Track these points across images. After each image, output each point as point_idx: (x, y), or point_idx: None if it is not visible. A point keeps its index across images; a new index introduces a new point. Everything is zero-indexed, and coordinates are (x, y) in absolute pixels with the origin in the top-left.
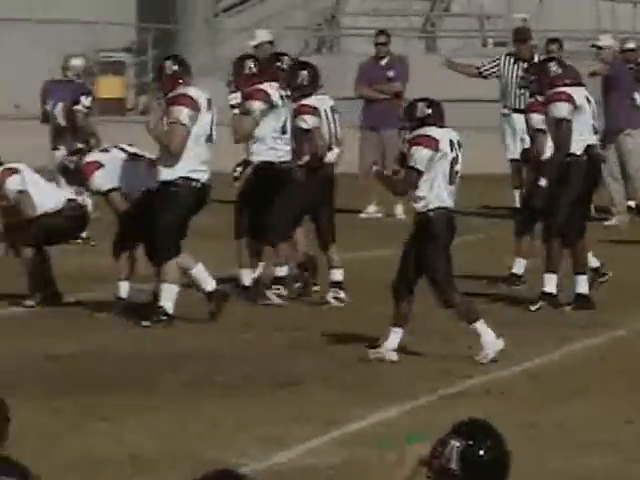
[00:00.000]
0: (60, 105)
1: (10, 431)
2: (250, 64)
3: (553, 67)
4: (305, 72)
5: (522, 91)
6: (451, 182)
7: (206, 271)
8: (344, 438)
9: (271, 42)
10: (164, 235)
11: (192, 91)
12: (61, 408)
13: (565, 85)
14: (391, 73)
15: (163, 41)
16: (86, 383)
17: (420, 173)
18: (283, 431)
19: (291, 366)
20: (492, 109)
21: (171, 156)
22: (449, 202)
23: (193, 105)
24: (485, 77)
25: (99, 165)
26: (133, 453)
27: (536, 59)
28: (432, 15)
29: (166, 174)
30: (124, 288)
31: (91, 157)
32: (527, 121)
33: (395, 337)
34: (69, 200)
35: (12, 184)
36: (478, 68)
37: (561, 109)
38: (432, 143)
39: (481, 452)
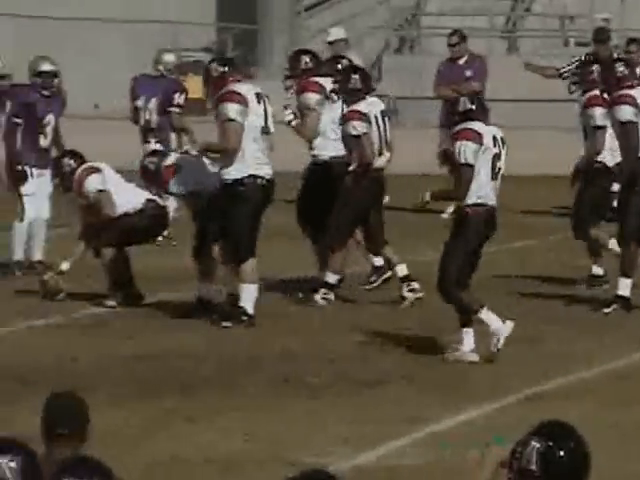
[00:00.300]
0: (153, 101)
1: (92, 433)
2: (306, 59)
3: (620, 68)
4: (357, 76)
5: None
6: (493, 178)
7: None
8: (427, 439)
9: (345, 40)
10: (239, 235)
11: (238, 87)
12: (144, 409)
13: (630, 87)
14: (469, 72)
15: (244, 41)
16: (169, 384)
17: (472, 166)
18: (366, 431)
19: (373, 366)
20: (574, 109)
21: (231, 155)
22: (490, 199)
23: (240, 100)
24: (564, 78)
25: (177, 168)
26: (218, 454)
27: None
28: (513, 15)
29: (231, 174)
30: (205, 288)
31: (170, 160)
32: (585, 116)
33: (469, 338)
34: (149, 200)
35: (92, 183)
36: (558, 70)
37: (626, 112)
38: (476, 136)
39: (561, 453)
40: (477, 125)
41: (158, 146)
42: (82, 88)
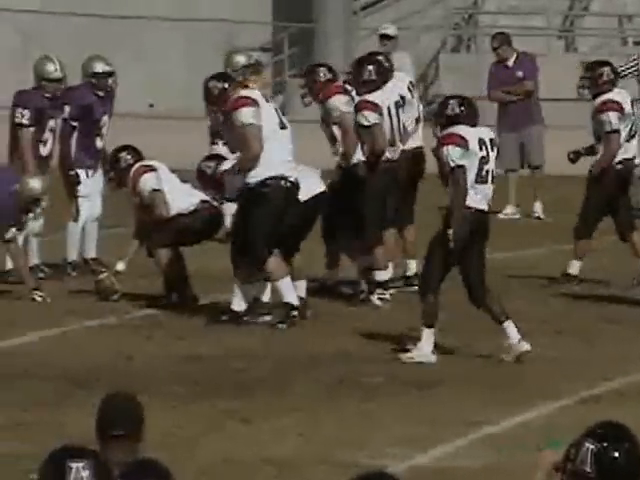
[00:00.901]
0: None
1: (148, 433)
2: (324, 71)
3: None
4: (372, 67)
5: None
6: (480, 181)
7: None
8: (483, 440)
9: (395, 37)
10: (256, 237)
11: (243, 92)
12: (198, 410)
13: None
14: (520, 73)
15: (300, 40)
16: (223, 385)
17: (463, 167)
18: (423, 432)
19: (431, 367)
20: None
21: (254, 159)
22: (477, 203)
23: (250, 102)
24: (622, 77)
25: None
26: (273, 456)
27: None
28: (571, 14)
29: (255, 176)
30: (260, 289)
31: (226, 165)
32: (598, 121)
33: (430, 338)
34: (203, 201)
35: (147, 182)
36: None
37: None
38: (461, 141)
39: (616, 454)
40: (463, 129)
41: (224, 149)
42: (137, 87)
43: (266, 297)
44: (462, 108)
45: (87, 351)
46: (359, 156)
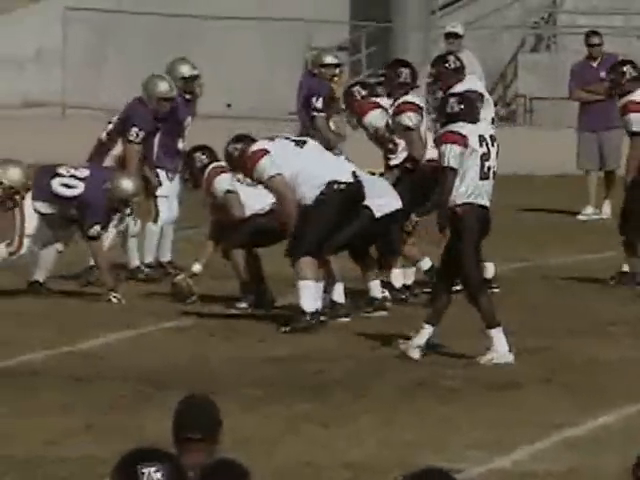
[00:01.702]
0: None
1: (224, 436)
2: (404, 71)
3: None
4: (407, 70)
5: None
6: (483, 177)
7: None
8: (566, 442)
9: (462, 36)
10: (298, 231)
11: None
12: (277, 413)
13: None
14: (604, 73)
15: (377, 39)
16: (300, 387)
17: (455, 170)
18: (503, 435)
19: (508, 369)
20: None
21: None
22: (480, 199)
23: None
24: None
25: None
26: (351, 459)
27: None
28: None
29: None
30: (338, 291)
31: (258, 146)
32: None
33: (424, 334)
34: None
35: (222, 183)
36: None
37: None
38: (460, 140)
39: None
40: (463, 127)
41: None
42: (215, 87)
43: (341, 298)
44: (462, 106)
45: (164, 353)
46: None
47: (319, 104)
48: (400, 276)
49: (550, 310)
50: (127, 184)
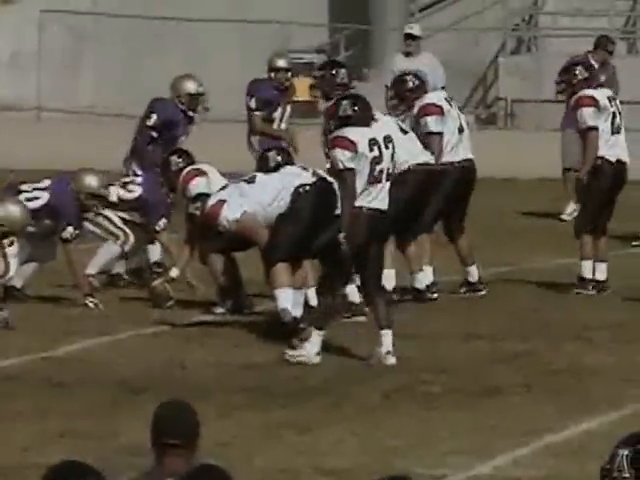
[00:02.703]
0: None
1: (202, 442)
2: (341, 72)
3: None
4: (344, 70)
5: None
6: (372, 182)
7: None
8: (547, 449)
9: (420, 37)
10: (277, 240)
11: None
12: (255, 419)
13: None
14: (603, 77)
15: (356, 42)
16: (279, 394)
17: (352, 170)
18: (483, 441)
19: (489, 375)
20: None
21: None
22: (372, 203)
23: None
24: None
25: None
26: (330, 466)
27: None
28: (634, 15)
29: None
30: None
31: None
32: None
33: (317, 340)
34: None
35: (197, 187)
36: None
37: None
38: (349, 145)
39: None
40: (354, 131)
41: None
42: None
43: (356, 298)
44: (355, 108)
45: (141, 359)
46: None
47: (252, 104)
48: (392, 278)
49: (532, 315)
50: (90, 179)
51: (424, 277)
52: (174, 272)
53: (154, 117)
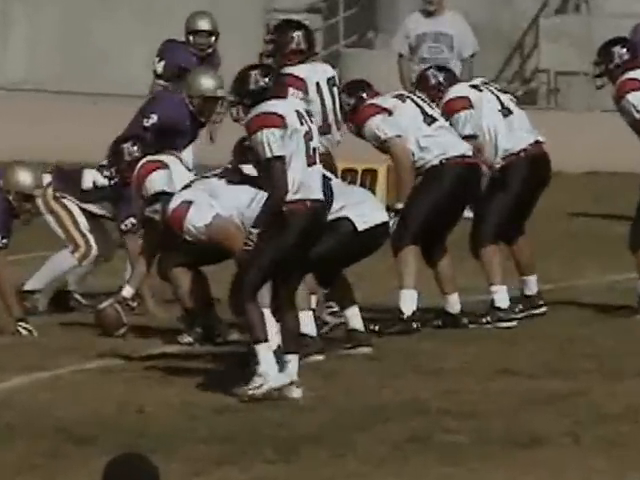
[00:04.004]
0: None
1: None
2: (297, 35)
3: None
4: (301, 33)
5: None
6: (310, 163)
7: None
8: None
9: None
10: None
11: None
12: (234, 477)
13: None
14: None
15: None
16: (261, 444)
17: (282, 158)
18: None
19: (530, 421)
20: None
21: None
22: (312, 191)
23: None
24: None
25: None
26: None
27: None
28: None
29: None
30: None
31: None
32: None
33: (294, 363)
34: None
35: (155, 182)
36: None
37: None
38: (277, 120)
39: None
40: (275, 105)
41: None
42: (149, 55)
43: (359, 324)
44: (268, 79)
45: (86, 400)
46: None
47: (159, 68)
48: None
49: (580, 345)
50: (24, 176)
51: (455, 301)
52: (127, 291)
53: (154, 117)
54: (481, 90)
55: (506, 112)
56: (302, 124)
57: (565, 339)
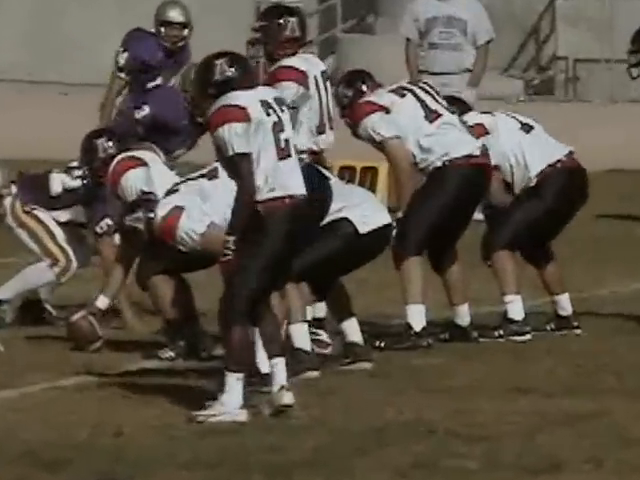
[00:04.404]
0: None
1: None
2: (291, 21)
3: None
4: (294, 19)
5: None
6: (282, 157)
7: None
8: None
9: None
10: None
11: None
12: None
13: None
14: None
15: None
16: (253, 469)
17: (247, 155)
18: None
19: (548, 445)
20: None
21: None
22: (289, 187)
23: None
24: None
25: None
26: None
27: None
28: None
29: None
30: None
31: None
32: None
33: (236, 386)
34: None
35: (133, 181)
36: None
37: None
38: (239, 113)
39: None
40: (238, 98)
41: None
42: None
43: (358, 337)
44: (234, 68)
45: (58, 422)
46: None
47: (121, 60)
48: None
49: (602, 361)
50: None
51: (465, 312)
52: (102, 301)
53: (145, 109)
54: (493, 114)
55: (527, 128)
56: (269, 115)
57: (584, 354)
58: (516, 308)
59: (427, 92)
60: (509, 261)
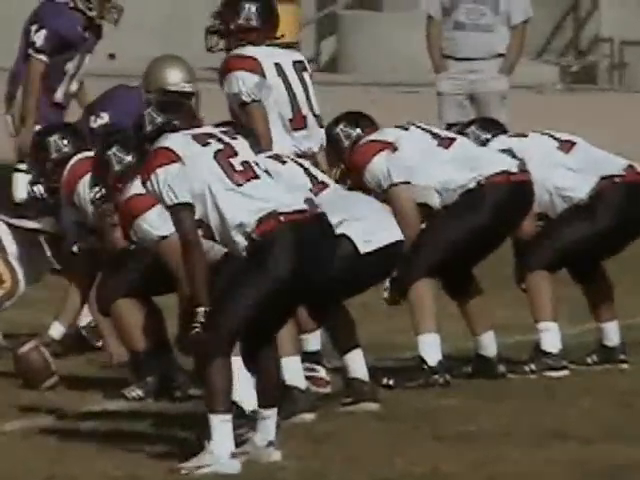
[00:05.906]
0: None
1: None
2: (249, 8)
3: None
4: (255, 5)
5: None
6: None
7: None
8: None
9: None
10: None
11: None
12: None
13: None
14: None
15: None
16: None
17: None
18: None
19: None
20: None
21: None
22: (272, 204)
23: None
24: None
25: None
26: None
27: None
28: None
29: None
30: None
31: None
32: None
33: (224, 429)
34: None
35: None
36: None
37: None
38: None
39: None
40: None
41: None
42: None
43: (363, 374)
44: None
45: (8, 471)
46: None
47: (39, 40)
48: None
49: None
50: None
51: (490, 341)
52: (56, 329)
53: (104, 117)
54: (525, 135)
55: (569, 145)
56: (206, 145)
57: (631, 392)
58: (551, 338)
59: (428, 127)
60: (546, 283)
